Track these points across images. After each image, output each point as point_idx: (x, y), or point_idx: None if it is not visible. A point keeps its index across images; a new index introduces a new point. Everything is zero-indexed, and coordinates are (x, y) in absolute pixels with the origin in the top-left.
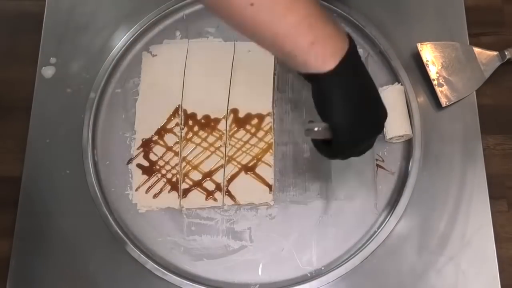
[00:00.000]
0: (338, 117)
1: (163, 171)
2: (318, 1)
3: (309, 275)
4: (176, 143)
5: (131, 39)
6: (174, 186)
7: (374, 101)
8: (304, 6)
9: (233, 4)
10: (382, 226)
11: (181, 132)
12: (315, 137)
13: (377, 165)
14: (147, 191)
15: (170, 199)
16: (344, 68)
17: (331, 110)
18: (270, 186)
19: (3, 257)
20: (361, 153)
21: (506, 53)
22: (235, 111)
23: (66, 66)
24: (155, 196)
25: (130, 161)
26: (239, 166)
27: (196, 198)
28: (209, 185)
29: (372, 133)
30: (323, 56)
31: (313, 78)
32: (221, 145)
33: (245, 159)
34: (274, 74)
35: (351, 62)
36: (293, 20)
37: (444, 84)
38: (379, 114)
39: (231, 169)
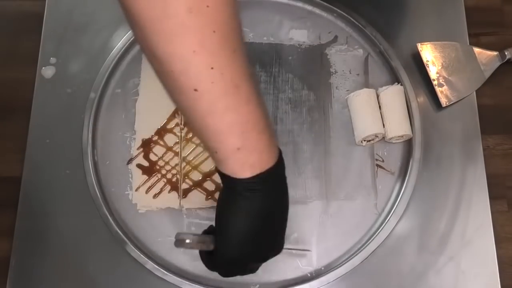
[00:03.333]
0: (231, 230)
1: (163, 171)
2: (264, 108)
3: (309, 275)
4: (176, 143)
5: (131, 39)
6: (174, 186)
7: (277, 228)
8: (246, 111)
9: (177, 81)
10: (382, 226)
11: (181, 132)
12: (187, 248)
13: (377, 165)
14: (147, 191)
15: (170, 199)
16: (258, 183)
17: (228, 220)
18: None
19: (3, 257)
20: (242, 274)
21: (506, 53)
22: None
23: (66, 66)
24: (155, 196)
25: (130, 161)
26: None
27: (196, 198)
28: (209, 185)
29: (257, 261)
30: (242, 164)
31: (225, 180)
32: None
33: None
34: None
35: (268, 181)
36: (229, 121)
37: (444, 84)
38: (272, 246)
39: None
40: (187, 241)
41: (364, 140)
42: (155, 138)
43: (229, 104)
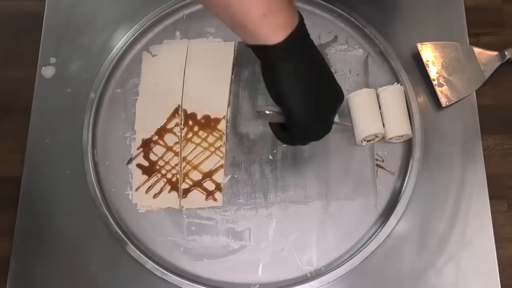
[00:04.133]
0: (290, 96)
1: (163, 171)
2: None
3: (309, 275)
4: (176, 143)
5: (131, 39)
6: (174, 186)
7: (327, 77)
8: None
9: None
10: (382, 226)
11: (181, 132)
12: (267, 120)
13: (377, 165)
14: (147, 191)
15: (170, 199)
16: (293, 42)
17: (281, 89)
18: None
19: (3, 257)
20: (319, 137)
21: (506, 53)
22: None
23: (66, 66)
24: (155, 196)
25: (130, 161)
26: None
27: (196, 198)
28: (209, 185)
29: (327, 112)
30: (272, 28)
31: (262, 53)
32: (221, 145)
33: None
34: None
35: (300, 37)
36: None
37: (444, 84)
38: (333, 90)
39: None
40: (267, 112)
41: (364, 140)
42: (155, 138)
43: None
